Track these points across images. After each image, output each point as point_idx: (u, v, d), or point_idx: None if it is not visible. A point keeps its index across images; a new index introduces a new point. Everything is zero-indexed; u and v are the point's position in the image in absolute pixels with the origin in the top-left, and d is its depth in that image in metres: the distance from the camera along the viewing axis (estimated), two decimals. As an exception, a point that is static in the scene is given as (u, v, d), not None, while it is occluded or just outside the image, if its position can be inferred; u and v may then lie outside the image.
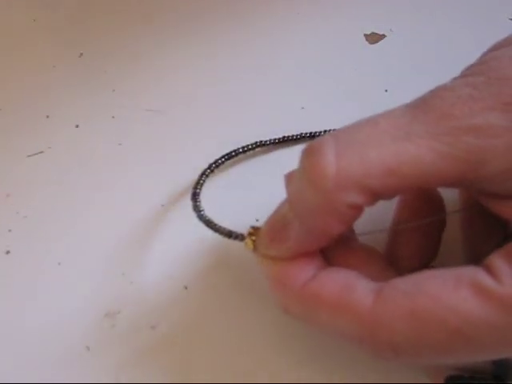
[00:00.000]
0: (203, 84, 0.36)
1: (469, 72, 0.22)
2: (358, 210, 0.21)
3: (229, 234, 0.26)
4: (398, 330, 0.20)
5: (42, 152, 0.33)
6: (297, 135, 0.32)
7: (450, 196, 0.26)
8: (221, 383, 0.26)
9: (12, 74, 0.37)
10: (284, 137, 0.32)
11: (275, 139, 0.32)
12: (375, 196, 0.21)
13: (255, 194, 0.30)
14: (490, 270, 0.20)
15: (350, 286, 0.21)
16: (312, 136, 0.32)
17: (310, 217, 0.22)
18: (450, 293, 0.20)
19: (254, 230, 0.24)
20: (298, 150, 0.22)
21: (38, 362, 0.27)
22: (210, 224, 0.27)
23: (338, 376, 0.26)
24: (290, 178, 0.26)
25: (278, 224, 0.23)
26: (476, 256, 0.23)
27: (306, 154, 0.21)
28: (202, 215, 0.27)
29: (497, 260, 0.20)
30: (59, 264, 0.29)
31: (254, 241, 0.24)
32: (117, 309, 0.28)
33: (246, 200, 0.30)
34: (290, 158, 0.23)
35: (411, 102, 0.21)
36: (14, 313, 0.28)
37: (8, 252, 0.30)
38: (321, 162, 0.21)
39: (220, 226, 0.26)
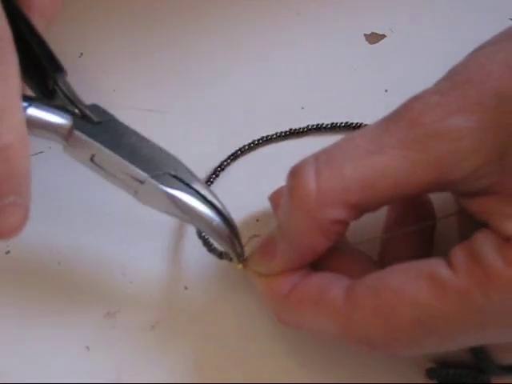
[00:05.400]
0: (203, 84, 0.35)
1: (440, 79, 0.22)
2: (342, 225, 0.22)
3: (220, 255, 0.27)
4: (368, 325, 0.21)
5: (41, 152, 0.33)
6: (303, 128, 0.32)
7: (447, 198, 0.26)
8: (220, 383, 0.26)
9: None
10: (290, 129, 0.32)
11: (281, 132, 0.32)
12: (357, 210, 0.22)
13: (256, 196, 0.30)
14: (449, 262, 0.21)
15: (326, 287, 0.22)
16: (318, 128, 0.32)
17: (296, 235, 0.22)
18: (410, 285, 0.21)
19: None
20: (304, 142, 0.22)
21: (37, 361, 0.27)
22: (206, 243, 0.28)
23: (338, 376, 0.26)
24: (275, 199, 0.27)
25: (268, 242, 0.24)
26: None
27: (290, 175, 0.22)
28: (201, 232, 0.28)
29: (458, 252, 0.21)
30: (59, 264, 0.29)
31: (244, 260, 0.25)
32: (117, 309, 0.28)
33: (246, 201, 0.30)
34: (295, 153, 0.23)
35: (386, 115, 0.22)
36: (14, 313, 0.28)
37: (8, 252, 0.30)
38: (302, 181, 0.21)
39: (214, 247, 0.27)
